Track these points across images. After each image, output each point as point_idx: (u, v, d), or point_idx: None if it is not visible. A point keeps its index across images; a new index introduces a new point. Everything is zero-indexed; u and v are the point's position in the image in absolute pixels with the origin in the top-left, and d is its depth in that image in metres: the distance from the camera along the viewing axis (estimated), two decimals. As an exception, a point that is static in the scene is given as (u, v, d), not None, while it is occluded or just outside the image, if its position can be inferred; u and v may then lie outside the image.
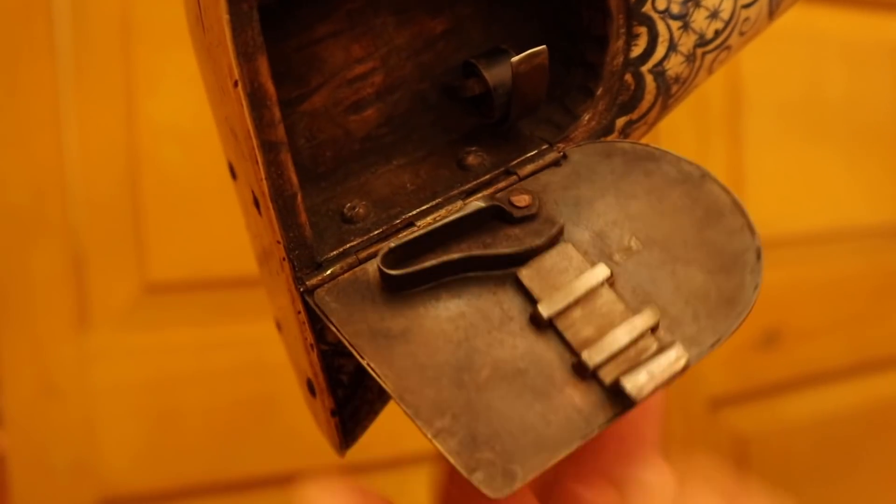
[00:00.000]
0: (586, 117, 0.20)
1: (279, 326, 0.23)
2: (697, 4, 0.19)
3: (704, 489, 0.21)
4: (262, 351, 0.64)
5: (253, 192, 0.17)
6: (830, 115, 0.86)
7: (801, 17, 0.84)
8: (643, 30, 0.18)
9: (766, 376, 0.83)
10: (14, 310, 0.60)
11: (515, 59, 0.18)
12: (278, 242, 0.17)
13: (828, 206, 0.86)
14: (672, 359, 0.16)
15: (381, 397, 0.20)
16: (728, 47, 0.20)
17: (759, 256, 0.18)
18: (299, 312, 0.17)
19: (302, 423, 0.65)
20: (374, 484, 0.72)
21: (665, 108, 0.21)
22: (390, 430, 0.33)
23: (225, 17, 0.14)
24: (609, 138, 0.20)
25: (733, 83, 0.81)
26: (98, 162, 0.62)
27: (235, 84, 0.15)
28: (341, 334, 0.16)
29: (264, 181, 0.16)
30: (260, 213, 0.17)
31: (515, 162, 0.19)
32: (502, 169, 0.19)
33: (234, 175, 0.21)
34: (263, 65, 0.15)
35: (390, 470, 0.67)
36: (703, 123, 0.79)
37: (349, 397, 0.20)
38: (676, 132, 0.77)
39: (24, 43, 0.58)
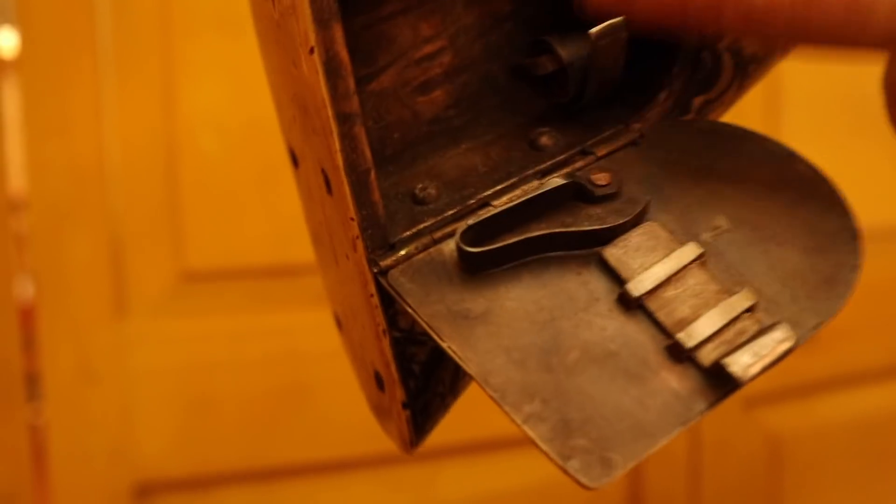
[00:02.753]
0: (662, 96, 0.19)
1: (339, 323, 0.23)
2: None
3: None
4: (297, 340, 0.65)
5: (323, 169, 0.17)
6: (872, 109, 0.85)
7: None
8: None
9: (801, 376, 0.82)
10: (54, 296, 0.62)
11: (594, 30, 0.17)
12: (351, 219, 0.16)
13: (870, 202, 0.85)
14: (778, 338, 0.15)
15: (453, 389, 0.20)
16: None
17: (855, 236, 0.17)
18: (371, 296, 0.17)
19: (334, 411, 0.66)
20: (401, 475, 0.71)
21: (742, 88, 0.21)
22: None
23: None
24: (686, 118, 0.20)
25: (772, 76, 0.80)
26: (137, 152, 0.63)
27: (311, 51, 0.15)
28: (418, 315, 0.16)
29: (339, 153, 0.16)
30: (330, 191, 0.17)
31: (591, 142, 0.19)
32: (578, 149, 0.18)
33: (295, 162, 0.20)
34: (339, 32, 0.15)
35: (421, 462, 0.68)
36: (741, 117, 0.79)
37: (421, 389, 0.19)
38: None
39: (66, 36, 0.61)
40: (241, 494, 0.68)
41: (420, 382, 0.20)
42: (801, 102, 0.81)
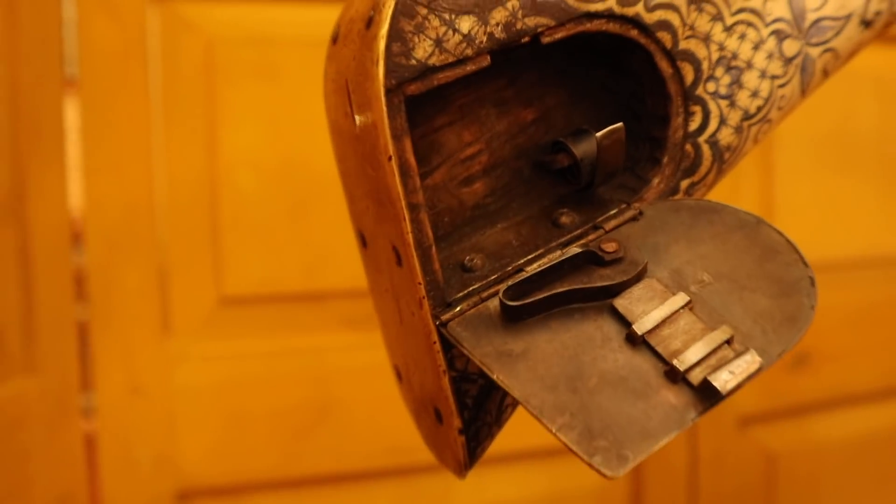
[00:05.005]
0: (656, 181, 0.23)
1: (399, 375, 0.25)
2: (741, 86, 0.22)
3: None
4: (324, 359, 0.68)
5: (395, 247, 0.20)
6: (862, 148, 0.87)
7: None
8: (698, 108, 0.22)
9: (795, 397, 0.84)
10: (107, 317, 0.65)
11: (600, 134, 0.21)
12: (419, 284, 0.20)
13: (858, 235, 0.87)
14: (749, 360, 0.18)
15: (498, 420, 0.23)
16: (769, 120, 0.24)
17: (812, 283, 0.20)
18: (434, 343, 0.20)
19: (358, 426, 0.70)
20: (418, 486, 0.74)
21: (721, 172, 0.24)
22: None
23: (383, 108, 0.18)
24: (676, 197, 0.23)
25: None
26: (182, 189, 0.66)
27: (389, 158, 0.18)
28: (473, 356, 0.19)
29: (409, 234, 0.19)
30: (400, 263, 0.20)
31: (601, 219, 0.22)
32: (590, 225, 0.22)
33: (364, 243, 0.23)
34: (409, 144, 0.18)
35: (434, 473, 0.71)
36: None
37: (472, 419, 0.22)
38: None
39: (121, 82, 0.64)
40: (271, 501, 0.70)
41: (472, 413, 0.23)
42: (794, 142, 0.83)
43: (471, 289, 0.21)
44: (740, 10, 0.22)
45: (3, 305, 0.58)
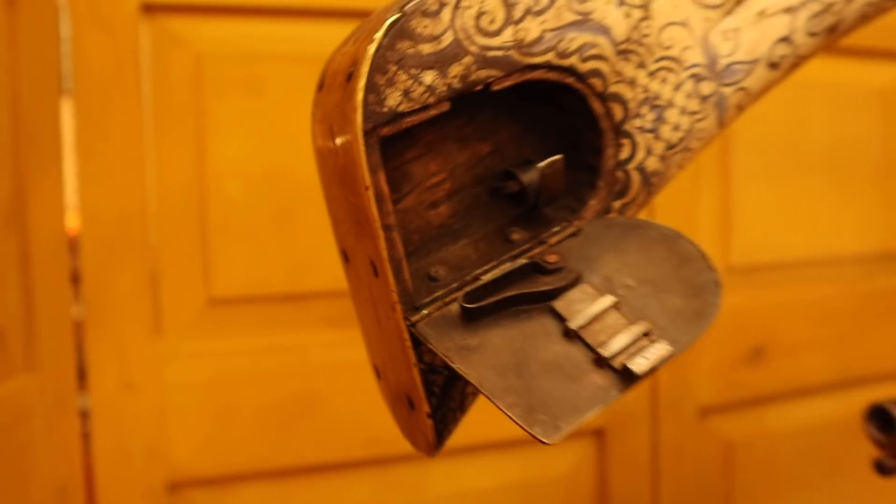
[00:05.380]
0: (593, 202, 0.27)
1: (378, 373, 0.28)
2: (664, 121, 0.26)
3: None
4: (307, 356, 0.70)
5: (372, 261, 0.23)
6: (815, 153, 0.90)
7: None
8: (627, 141, 0.26)
9: (752, 389, 0.87)
10: (100, 318, 0.66)
11: (542, 164, 0.24)
12: (392, 291, 0.23)
13: (810, 235, 0.90)
14: (660, 348, 0.21)
15: (462, 406, 0.26)
16: (691, 149, 0.27)
17: (718, 285, 0.23)
18: (405, 340, 0.23)
19: (339, 419, 0.73)
20: (396, 475, 0.76)
21: (650, 194, 0.28)
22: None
23: (361, 147, 0.21)
24: (610, 216, 0.26)
25: None
26: (173, 195, 0.68)
27: (367, 188, 0.21)
28: (437, 350, 0.22)
29: (384, 250, 0.22)
30: (377, 275, 0.23)
31: (545, 235, 0.26)
32: (537, 240, 0.25)
33: (346, 259, 0.26)
34: (383, 176, 0.21)
35: (412, 463, 0.74)
36: (696, 160, 0.86)
37: (439, 405, 0.25)
38: None
39: (114, 95, 0.66)
40: (258, 491, 0.71)
41: (439, 400, 0.25)
42: (749, 148, 0.87)
43: (435, 295, 0.24)
44: (661, 59, 0.26)
45: (5, 307, 0.60)
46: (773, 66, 0.29)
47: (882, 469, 0.39)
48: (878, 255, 0.92)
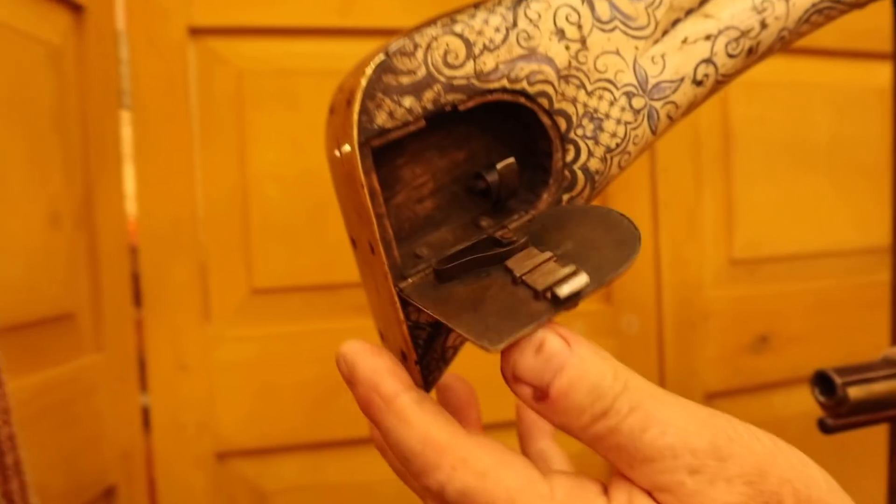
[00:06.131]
0: (545, 196, 0.31)
1: (382, 336, 0.33)
2: (602, 130, 0.31)
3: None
4: (338, 340, 0.70)
5: (370, 243, 0.28)
6: (815, 151, 0.94)
7: (787, 67, 0.93)
8: (571, 146, 0.31)
9: (757, 376, 0.91)
10: (157, 306, 0.72)
11: (499, 165, 0.30)
12: (384, 264, 0.28)
13: (812, 230, 0.93)
14: (581, 279, 0.25)
15: (444, 356, 0.32)
16: (628, 152, 0.32)
17: (638, 240, 0.27)
18: (395, 303, 0.28)
19: None
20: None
21: (594, 189, 0.33)
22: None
23: (357, 155, 0.26)
24: (559, 206, 0.32)
25: (723, 126, 0.90)
26: (218, 197, 0.74)
27: (362, 186, 0.27)
28: (418, 304, 0.27)
29: (377, 233, 0.27)
30: (374, 253, 0.28)
31: (507, 221, 0.31)
32: (500, 225, 0.31)
33: (354, 244, 0.31)
34: (374, 177, 0.27)
35: None
36: (698, 160, 0.90)
37: (424, 355, 0.31)
38: (678, 168, 0.89)
39: (166, 110, 0.72)
40: (294, 462, 0.75)
41: (423, 350, 0.31)
42: (751, 148, 0.91)
43: (419, 268, 0.30)
44: (598, 80, 0.33)
45: (76, 295, 0.66)
46: (697, 83, 0.35)
47: (824, 428, 0.45)
48: (875, 248, 0.94)
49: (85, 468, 0.65)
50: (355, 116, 0.28)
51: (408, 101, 0.29)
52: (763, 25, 0.36)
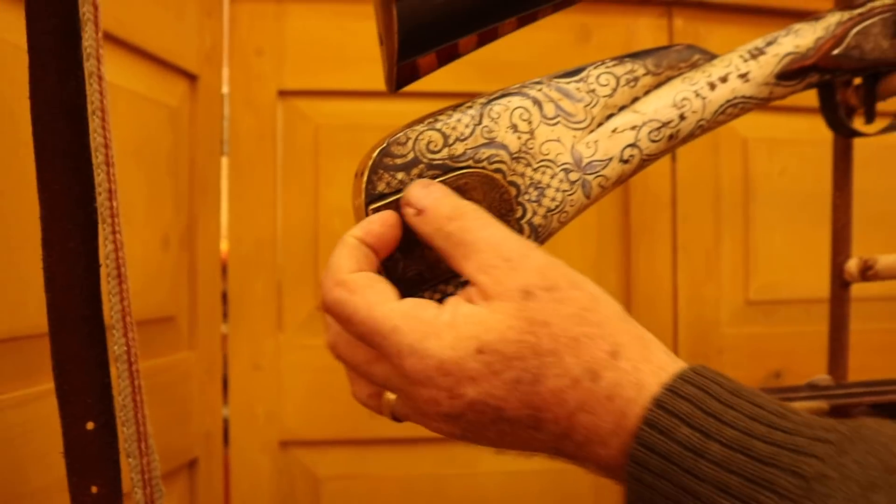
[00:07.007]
0: None
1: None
2: (544, 195, 0.42)
3: None
4: None
5: None
6: (830, 204, 1.01)
7: (808, 126, 1.00)
8: (519, 207, 0.42)
9: None
10: (240, 318, 0.87)
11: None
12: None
13: (823, 276, 0.99)
14: None
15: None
16: (566, 212, 0.43)
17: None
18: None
19: None
20: (452, 452, 0.94)
21: (538, 238, 0.43)
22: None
23: (363, 208, 0.40)
24: None
25: (744, 179, 1.00)
26: (294, 229, 0.88)
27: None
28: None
29: None
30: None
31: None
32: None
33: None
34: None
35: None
36: (718, 210, 0.99)
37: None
38: (698, 216, 0.98)
39: (256, 156, 0.88)
40: (344, 454, 0.88)
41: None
42: (770, 199, 0.99)
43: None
44: (542, 160, 0.45)
45: (178, 302, 0.81)
46: (624, 161, 0.47)
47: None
48: (882, 297, 1.00)
49: (175, 441, 0.79)
50: (363, 185, 0.43)
51: (400, 175, 0.43)
52: (682, 118, 0.48)
